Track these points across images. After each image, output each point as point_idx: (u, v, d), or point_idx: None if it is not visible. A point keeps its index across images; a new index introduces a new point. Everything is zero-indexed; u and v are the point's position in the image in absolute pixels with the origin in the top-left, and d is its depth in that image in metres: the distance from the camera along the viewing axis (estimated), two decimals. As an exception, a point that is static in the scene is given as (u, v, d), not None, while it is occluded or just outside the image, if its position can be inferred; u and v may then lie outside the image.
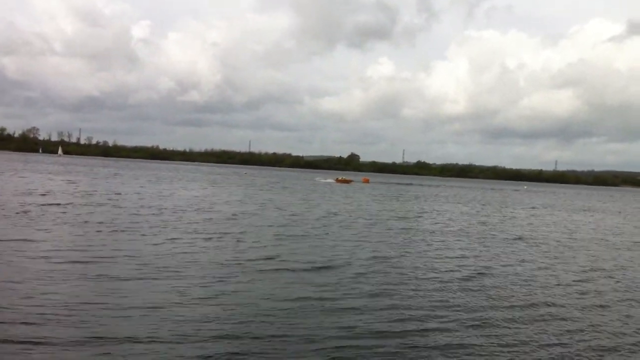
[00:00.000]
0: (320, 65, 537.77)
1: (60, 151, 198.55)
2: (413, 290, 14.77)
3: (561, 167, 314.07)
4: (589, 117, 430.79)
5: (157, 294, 12.77)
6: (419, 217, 39.50)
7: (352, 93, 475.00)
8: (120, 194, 43.57)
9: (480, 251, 23.24)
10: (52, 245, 18.43)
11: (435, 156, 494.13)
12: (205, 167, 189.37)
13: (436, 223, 35.13)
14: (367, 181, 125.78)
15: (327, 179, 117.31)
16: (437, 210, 47.58)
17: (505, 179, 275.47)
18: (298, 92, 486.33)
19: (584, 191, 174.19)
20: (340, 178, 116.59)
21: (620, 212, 64.02)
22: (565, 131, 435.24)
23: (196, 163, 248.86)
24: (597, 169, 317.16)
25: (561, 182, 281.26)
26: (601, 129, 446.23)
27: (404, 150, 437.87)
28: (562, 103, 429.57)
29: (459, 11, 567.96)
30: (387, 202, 56.00)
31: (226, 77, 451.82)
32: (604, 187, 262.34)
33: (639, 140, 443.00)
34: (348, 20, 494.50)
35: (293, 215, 34.56)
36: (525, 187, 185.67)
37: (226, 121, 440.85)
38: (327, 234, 26.07)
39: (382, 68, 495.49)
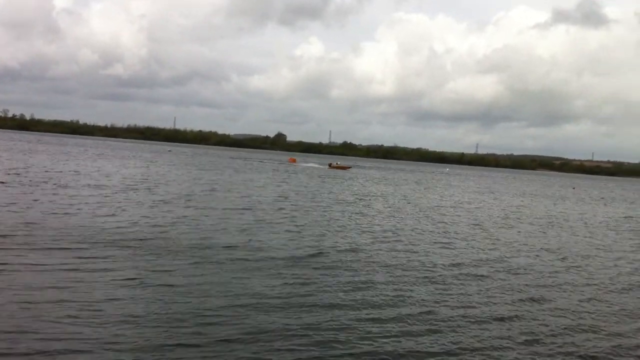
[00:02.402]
0: (249, 42, 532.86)
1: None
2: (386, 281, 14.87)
3: (482, 151, 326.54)
4: (510, 102, 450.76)
5: (96, 282, 12.18)
6: (369, 199, 39.86)
7: (281, 72, 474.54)
8: (61, 171, 41.46)
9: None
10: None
11: (361, 137, 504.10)
12: (130, 144, 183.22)
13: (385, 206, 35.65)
14: (293, 161, 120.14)
15: (308, 162, 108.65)
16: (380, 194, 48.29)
17: (429, 161, 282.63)
18: (225, 69, 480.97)
19: (503, 174, 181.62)
20: (335, 164, 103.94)
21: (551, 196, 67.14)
22: (487, 115, 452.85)
23: (119, 139, 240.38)
24: (516, 152, 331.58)
25: (481, 165, 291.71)
26: (522, 113, 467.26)
27: (330, 130, 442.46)
28: (485, 88, 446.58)
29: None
30: (328, 184, 56.15)
31: (151, 50, 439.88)
32: (522, 170, 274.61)
33: (557, 125, 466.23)
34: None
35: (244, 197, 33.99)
36: (447, 169, 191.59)
37: (150, 96, 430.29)
38: (287, 218, 25.74)
39: (311, 48, 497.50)
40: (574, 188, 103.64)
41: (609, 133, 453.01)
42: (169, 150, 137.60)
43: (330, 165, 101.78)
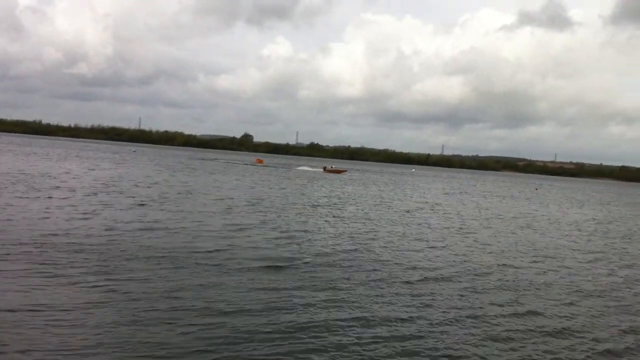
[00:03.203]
0: (217, 42, 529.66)
1: None
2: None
3: (448, 152, 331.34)
4: (476, 103, 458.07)
5: (63, 291, 11.81)
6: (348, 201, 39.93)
7: (248, 72, 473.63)
8: (28, 173, 40.42)
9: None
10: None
11: (329, 138, 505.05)
12: (94, 144, 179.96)
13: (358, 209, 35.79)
14: (260, 162, 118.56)
15: (302, 166, 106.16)
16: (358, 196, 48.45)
17: (395, 162, 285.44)
18: (192, 68, 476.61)
19: (468, 176, 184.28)
20: (329, 167, 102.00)
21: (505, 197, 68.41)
22: (454, 117, 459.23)
23: (82, 139, 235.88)
24: (481, 154, 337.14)
25: (447, 166, 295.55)
26: (487, 115, 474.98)
27: (297, 131, 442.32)
28: (452, 89, 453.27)
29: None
30: (307, 188, 56.09)
31: (117, 49, 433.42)
32: (487, 171, 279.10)
33: (521, 127, 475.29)
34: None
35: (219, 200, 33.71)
36: (413, 170, 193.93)
37: (116, 96, 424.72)
38: (262, 221, 25.62)
39: (279, 48, 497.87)
40: (536, 189, 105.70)
41: (572, 134, 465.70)
42: (134, 151, 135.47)
43: (324, 168, 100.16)
